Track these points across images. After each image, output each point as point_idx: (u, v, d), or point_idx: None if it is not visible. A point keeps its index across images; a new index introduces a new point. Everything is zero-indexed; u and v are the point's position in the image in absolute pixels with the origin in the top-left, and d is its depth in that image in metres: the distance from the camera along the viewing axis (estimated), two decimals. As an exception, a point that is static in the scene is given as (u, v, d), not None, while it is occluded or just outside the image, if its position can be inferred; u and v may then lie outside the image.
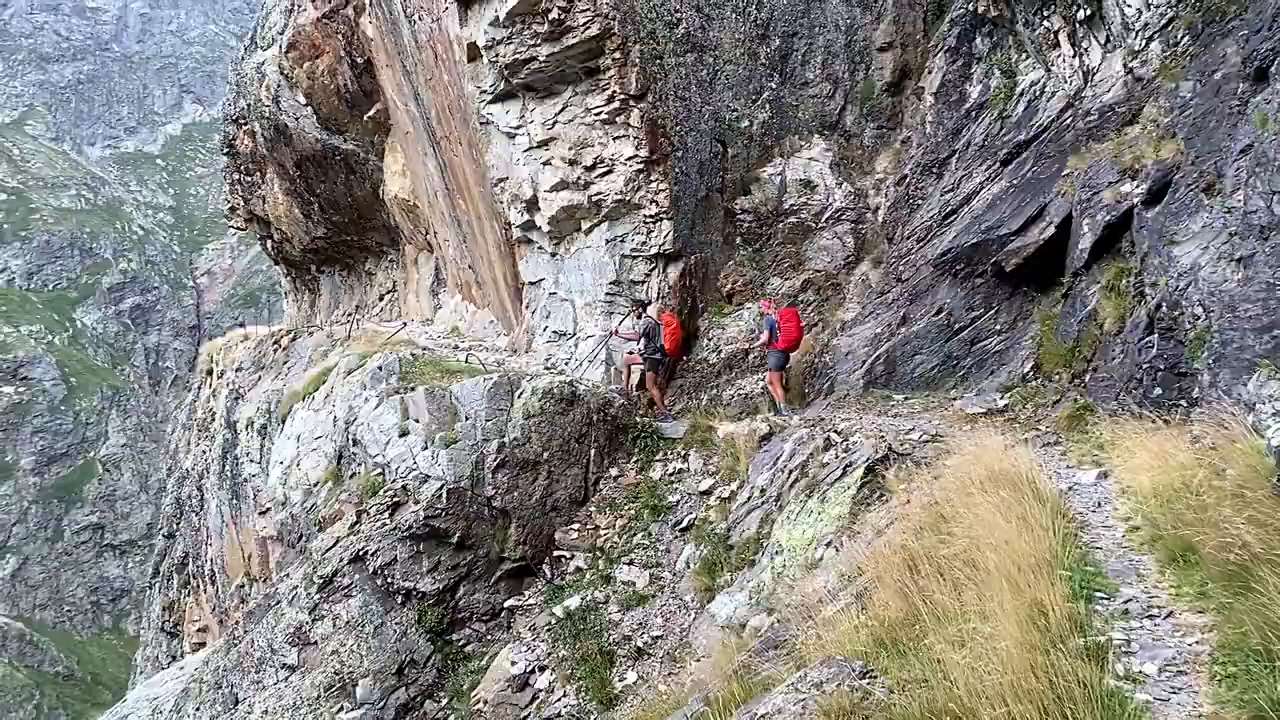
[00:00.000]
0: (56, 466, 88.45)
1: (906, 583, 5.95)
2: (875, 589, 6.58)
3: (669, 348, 15.83)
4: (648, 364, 15.85)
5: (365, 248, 28.93)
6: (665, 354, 15.93)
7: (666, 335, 15.69)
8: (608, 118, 15.82)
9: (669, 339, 15.73)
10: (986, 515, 6.76)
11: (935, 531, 7.27)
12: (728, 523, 13.28)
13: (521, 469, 14.06)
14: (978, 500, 7.19)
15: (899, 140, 17.69)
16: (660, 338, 15.68)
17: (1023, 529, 6.35)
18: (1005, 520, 6.54)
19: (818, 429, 13.39)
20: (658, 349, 15.75)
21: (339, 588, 13.23)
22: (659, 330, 15.69)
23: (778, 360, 15.05)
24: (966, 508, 7.27)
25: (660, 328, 15.73)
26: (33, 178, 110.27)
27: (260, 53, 26.18)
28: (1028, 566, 5.64)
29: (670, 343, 15.78)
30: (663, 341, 15.68)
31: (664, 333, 15.70)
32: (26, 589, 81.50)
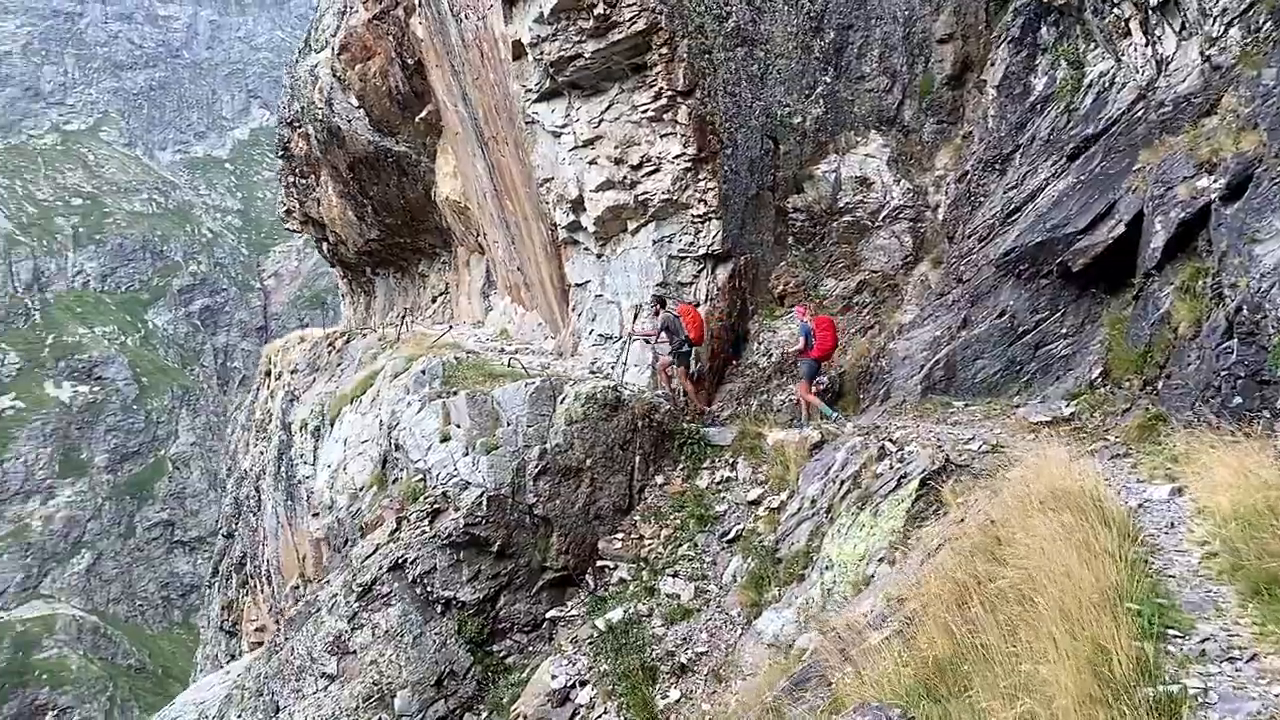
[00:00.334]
0: (129, 464, 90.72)
1: (954, 618, 5.42)
2: (921, 620, 6.07)
3: (694, 336, 15.32)
4: (676, 358, 15.38)
5: (418, 250, 28.91)
6: (692, 344, 15.42)
7: (688, 325, 15.21)
8: (655, 115, 15.39)
9: (692, 328, 15.24)
10: (1046, 539, 6.19)
11: (989, 556, 6.71)
12: (776, 535, 12.76)
13: (564, 476, 13.69)
14: (1036, 522, 6.62)
15: (960, 135, 16.97)
16: (682, 330, 15.22)
17: (1085, 556, 5.77)
18: (1066, 545, 5.97)
19: (872, 437, 12.82)
20: (683, 341, 15.26)
21: (378, 596, 13.01)
22: (679, 323, 15.22)
23: (810, 369, 14.60)
24: (1024, 530, 6.70)
25: (679, 319, 15.25)
26: (106, 183, 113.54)
27: (314, 55, 26.26)
28: (1090, 601, 5.08)
29: (694, 331, 15.29)
30: (686, 333, 15.21)
31: (684, 323, 15.22)
32: (100, 583, 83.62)
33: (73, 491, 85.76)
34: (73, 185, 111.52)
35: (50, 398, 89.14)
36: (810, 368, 14.57)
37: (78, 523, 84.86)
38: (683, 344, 15.24)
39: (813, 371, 14.63)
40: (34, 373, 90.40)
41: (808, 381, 14.65)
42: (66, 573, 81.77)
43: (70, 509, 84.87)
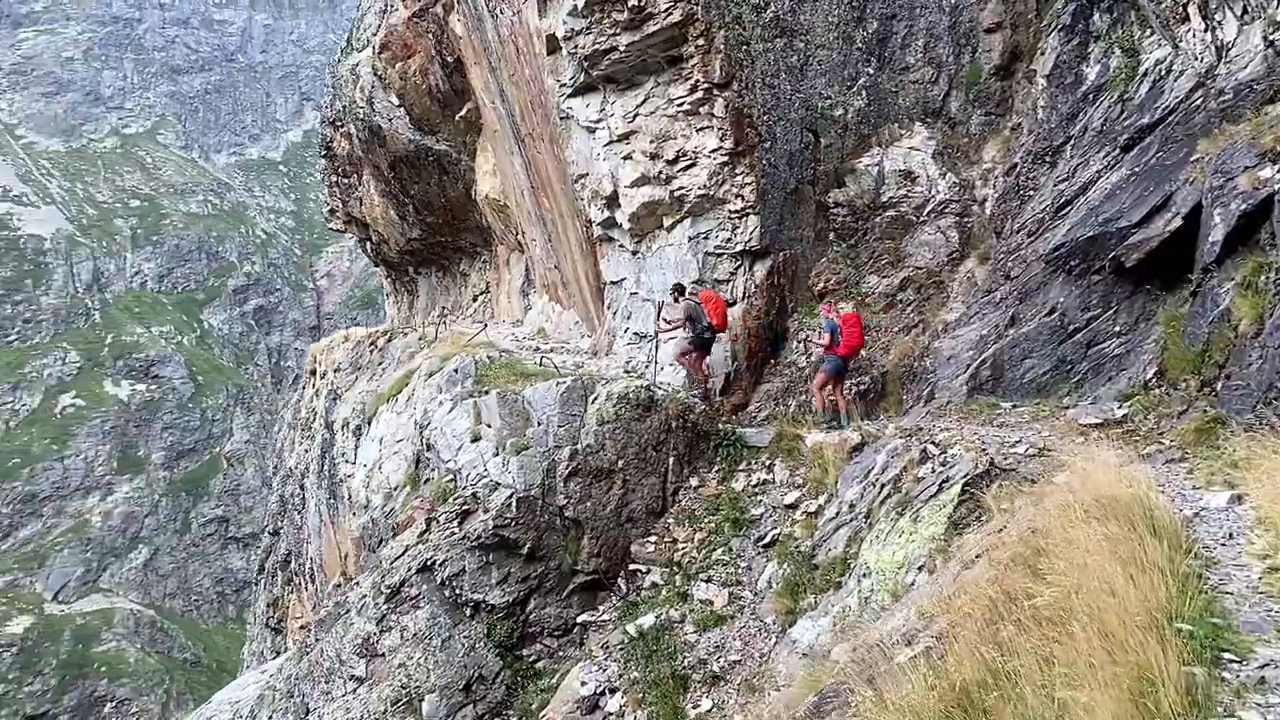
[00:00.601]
0: (185, 461, 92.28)
1: (986, 638, 5.01)
2: (951, 640, 5.65)
3: (716, 323, 14.87)
4: (697, 345, 14.99)
5: (459, 249, 28.82)
6: (714, 331, 14.97)
7: (710, 311, 14.79)
8: (690, 108, 15.03)
9: (714, 314, 14.80)
10: (1089, 551, 5.75)
11: (1028, 569, 6.27)
12: (813, 540, 12.35)
13: (595, 478, 13.38)
14: (1080, 533, 6.17)
15: (1008, 127, 16.40)
16: (704, 317, 14.79)
17: (1131, 570, 5.32)
18: (1110, 558, 5.53)
19: (914, 439, 12.35)
20: (706, 328, 14.83)
21: (406, 598, 12.81)
22: (701, 309, 14.81)
23: (835, 366, 14.12)
24: (1067, 541, 6.26)
25: (701, 307, 14.84)
26: (164, 185, 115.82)
27: (356, 54, 26.30)
28: (1134, 621, 4.64)
29: (717, 318, 14.85)
30: (708, 319, 14.79)
31: (706, 309, 14.80)
32: (157, 578, 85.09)
33: (131, 488, 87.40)
34: (131, 187, 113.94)
35: (109, 396, 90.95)
36: (835, 365, 14.13)
37: (135, 518, 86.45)
38: (704, 331, 14.84)
39: (837, 370, 14.19)
40: (94, 371, 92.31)
41: (827, 378, 14.20)
42: (124, 568, 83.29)
43: (128, 505, 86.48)
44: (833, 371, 14.15)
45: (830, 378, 14.21)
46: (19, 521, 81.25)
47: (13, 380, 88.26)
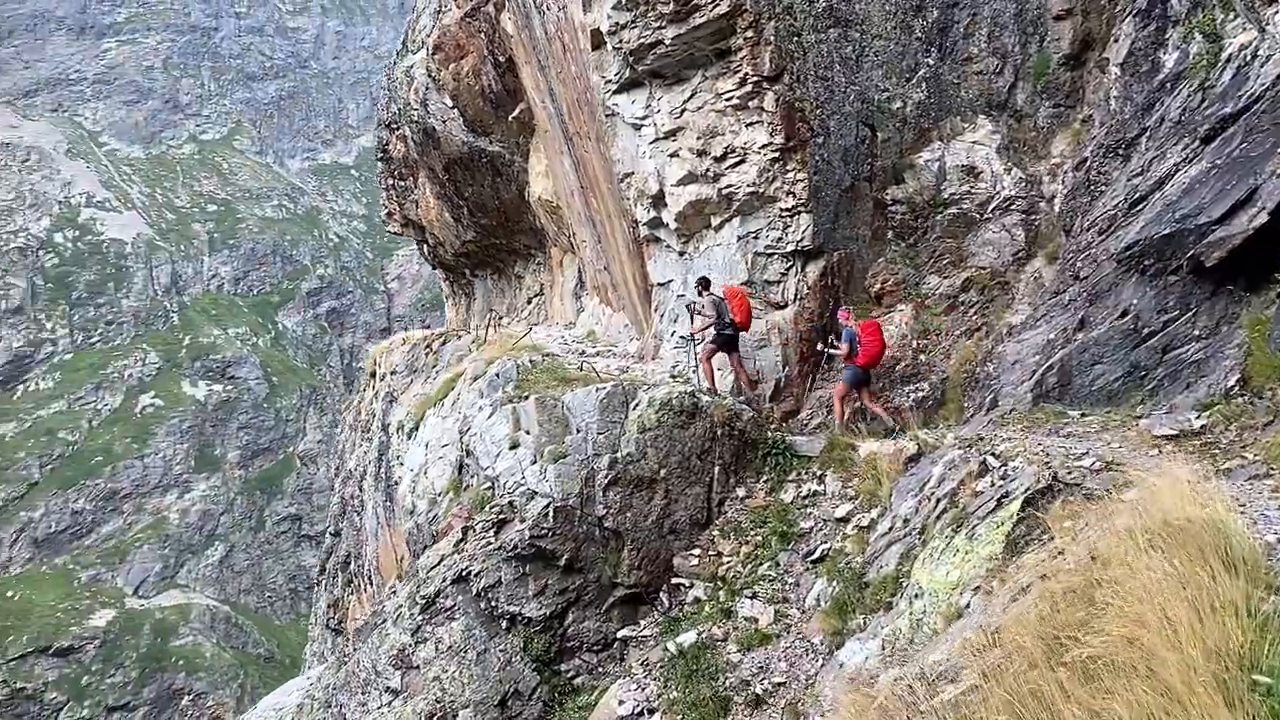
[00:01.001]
0: (259, 460, 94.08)
1: (1028, 688, 4.38)
2: (996, 681, 5.03)
3: (739, 320, 14.33)
4: (720, 342, 14.46)
5: (513, 251, 28.57)
6: (737, 328, 14.43)
7: (734, 308, 14.23)
8: (739, 103, 14.45)
9: (738, 311, 14.25)
10: (1153, 585, 5.07)
11: (1085, 602, 5.60)
12: (864, 556, 11.69)
13: (636, 487, 12.88)
14: (1143, 563, 5.48)
15: (1078, 119, 15.50)
16: (727, 312, 14.24)
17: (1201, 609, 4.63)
18: (1177, 594, 4.84)
19: (973, 450, 11.60)
20: (728, 324, 14.29)
21: (441, 609, 12.45)
22: (724, 305, 14.26)
23: (854, 376, 13.59)
24: (1127, 572, 5.57)
25: (725, 302, 14.28)
26: (239, 189, 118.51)
27: (410, 56, 26.21)
28: (1200, 673, 3.98)
29: (740, 314, 14.31)
30: (731, 315, 14.25)
31: (731, 305, 14.23)
32: (232, 574, 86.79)
33: (207, 486, 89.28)
34: (208, 192, 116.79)
35: (187, 396, 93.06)
36: (855, 375, 13.60)
37: (211, 516, 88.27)
38: (726, 327, 14.30)
39: (857, 379, 13.66)
40: (172, 372, 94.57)
41: (846, 387, 13.68)
42: (201, 564, 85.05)
43: (205, 503, 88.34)
44: (851, 381, 13.65)
45: (850, 387, 13.71)
46: (101, 518, 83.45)
47: (95, 380, 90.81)
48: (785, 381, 14.77)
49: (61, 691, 68.95)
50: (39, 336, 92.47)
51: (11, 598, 74.37)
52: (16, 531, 79.04)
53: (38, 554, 79.74)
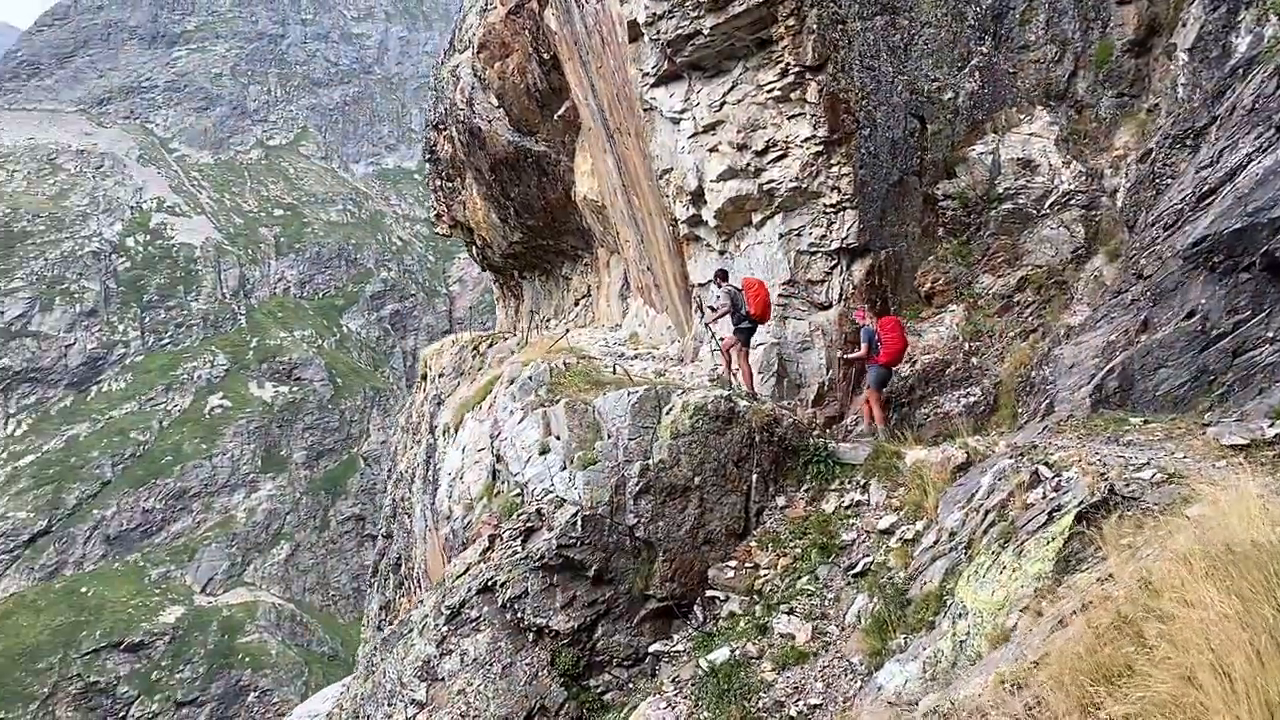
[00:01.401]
0: (324, 461, 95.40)
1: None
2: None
3: (755, 312, 13.75)
4: (738, 336, 13.89)
5: (560, 252, 28.19)
6: (754, 321, 13.87)
7: (750, 299, 13.66)
8: (781, 94, 13.83)
9: (754, 302, 13.68)
10: (1210, 621, 4.41)
11: (1132, 637, 4.95)
12: (908, 571, 11.01)
13: (669, 495, 12.33)
14: (1200, 594, 4.81)
15: (1143, 109, 14.58)
16: (744, 304, 13.69)
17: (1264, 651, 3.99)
18: (1238, 635, 4.19)
19: (1025, 459, 10.87)
20: (743, 317, 13.73)
21: (467, 620, 12.04)
22: (741, 296, 13.70)
23: (879, 376, 13.06)
24: (1183, 603, 4.91)
25: (742, 293, 13.71)
26: (305, 194, 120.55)
27: (457, 56, 26.00)
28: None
29: (756, 306, 13.74)
30: (747, 307, 13.69)
31: (747, 296, 13.66)
32: (298, 573, 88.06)
33: (274, 486, 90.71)
34: (275, 197, 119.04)
35: (254, 397, 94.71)
36: (879, 375, 13.08)
37: (278, 515, 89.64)
38: (742, 319, 13.73)
39: (883, 379, 13.14)
40: (240, 374, 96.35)
41: (877, 390, 13.09)
42: (267, 562, 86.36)
43: (271, 502, 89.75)
44: (878, 382, 13.16)
45: (880, 387, 13.27)
46: (171, 516, 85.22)
47: (166, 381, 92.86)
48: (829, 385, 14.11)
49: (132, 686, 70.52)
50: (111, 339, 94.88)
51: (85, 593, 76.29)
52: (90, 529, 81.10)
53: (110, 551, 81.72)
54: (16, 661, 69.27)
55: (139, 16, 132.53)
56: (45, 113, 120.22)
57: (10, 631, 71.77)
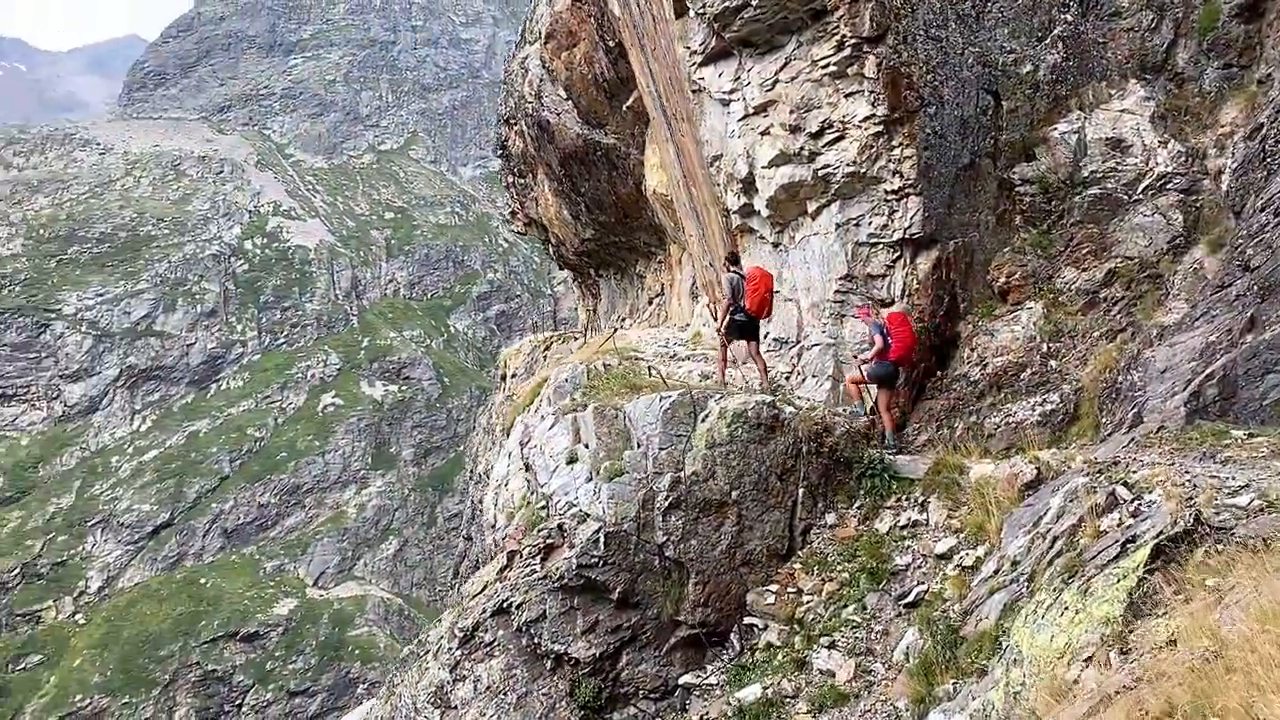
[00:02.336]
0: (432, 458, 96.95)
1: None
2: None
3: (750, 307, 12.68)
4: (733, 329, 12.91)
5: (634, 249, 27.26)
6: (749, 316, 12.81)
7: (750, 290, 12.60)
8: (837, 70, 12.57)
9: (752, 296, 12.60)
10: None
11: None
12: (963, 605, 9.70)
13: (702, 511, 11.23)
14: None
15: (1254, 81, 12.78)
16: (742, 294, 12.63)
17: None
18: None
19: (1103, 478, 9.45)
20: (738, 309, 12.69)
21: (481, 644, 11.20)
22: (743, 285, 12.62)
23: (887, 373, 12.07)
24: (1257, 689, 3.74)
25: (744, 282, 12.60)
26: (415, 197, 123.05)
27: (527, 47, 25.38)
28: None
29: (753, 300, 12.68)
30: (743, 300, 12.65)
31: (746, 288, 12.58)
32: (405, 568, 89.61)
33: (383, 482, 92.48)
34: (385, 200, 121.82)
35: (365, 396, 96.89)
36: (888, 372, 12.03)
37: (387, 511, 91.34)
38: (737, 312, 12.75)
39: (887, 376, 12.08)
40: (351, 373, 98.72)
41: (889, 391, 12.13)
42: (376, 557, 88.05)
43: (380, 498, 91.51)
44: (874, 376, 12.19)
45: (870, 380, 12.32)
46: (285, 511, 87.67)
47: (281, 380, 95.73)
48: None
49: (248, 675, 72.64)
50: (230, 338, 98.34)
51: (204, 585, 79.04)
52: (209, 522, 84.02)
53: (228, 544, 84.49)
54: (141, 648, 72.15)
55: (258, 26, 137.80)
56: (170, 121, 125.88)
57: (135, 619, 74.81)
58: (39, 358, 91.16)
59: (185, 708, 69.35)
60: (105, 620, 74.91)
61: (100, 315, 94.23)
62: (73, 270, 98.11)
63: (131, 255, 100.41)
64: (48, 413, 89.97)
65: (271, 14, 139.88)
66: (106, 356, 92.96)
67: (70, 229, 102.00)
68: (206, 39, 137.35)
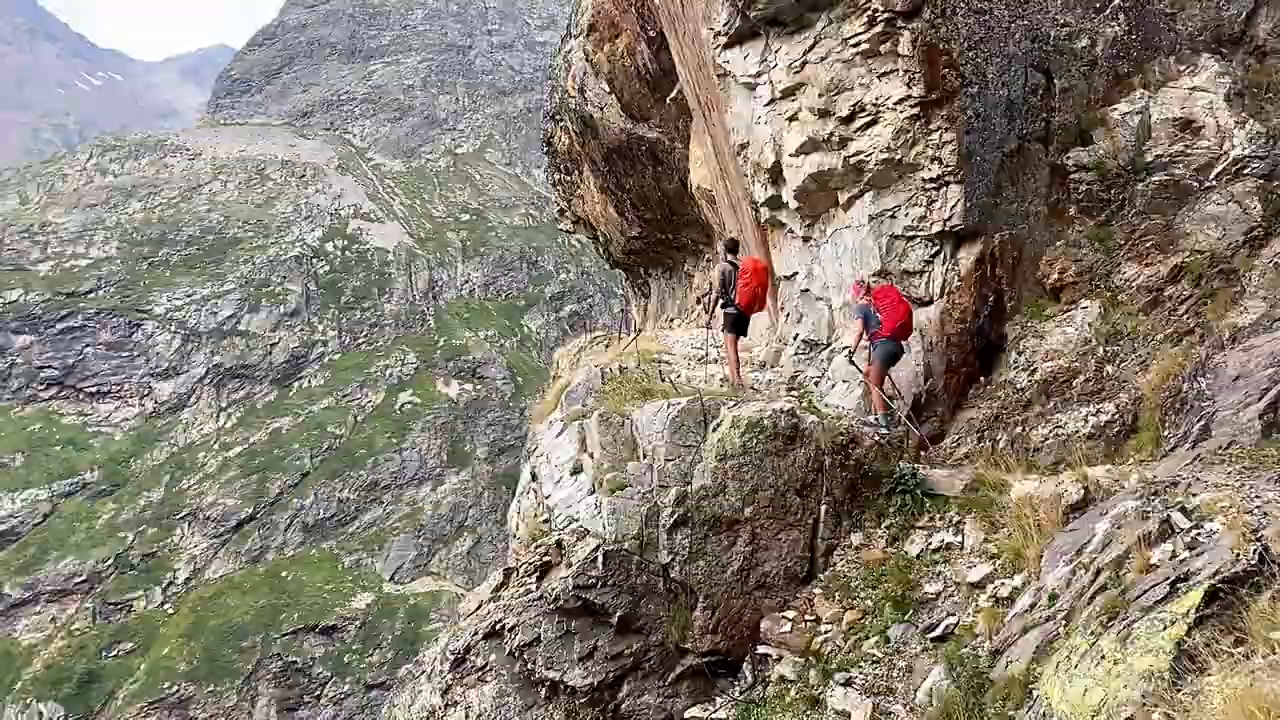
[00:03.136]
0: (505, 457, 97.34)
1: None
2: None
3: (741, 301, 11.92)
4: (726, 323, 12.15)
5: (681, 247, 26.32)
6: (740, 310, 12.08)
7: (743, 283, 11.83)
8: (868, 48, 11.50)
9: (743, 291, 11.84)
10: None
11: None
12: (994, 642, 8.62)
13: (711, 529, 10.28)
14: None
15: (1347, 48, 11.35)
16: (734, 286, 11.88)
17: None
18: None
19: (1157, 500, 8.32)
20: (729, 301, 11.98)
21: (472, 668, 10.41)
22: (734, 276, 11.83)
23: (887, 352, 11.17)
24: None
25: (735, 272, 11.80)
26: (490, 199, 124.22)
27: (571, 41, 24.70)
28: None
29: (744, 294, 11.92)
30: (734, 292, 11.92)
31: (739, 281, 11.80)
32: (479, 565, 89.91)
33: (458, 480, 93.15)
34: (461, 202, 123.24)
35: (441, 394, 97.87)
36: (888, 350, 11.17)
37: (461, 508, 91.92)
38: (728, 304, 12.09)
39: (891, 356, 11.23)
40: (428, 372, 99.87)
41: (882, 368, 11.30)
42: (451, 553, 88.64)
43: (455, 496, 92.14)
44: (884, 359, 11.25)
45: (886, 366, 11.33)
46: (363, 507, 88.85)
47: (360, 379, 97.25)
48: (927, 398, 11.64)
49: (326, 667, 73.64)
50: (311, 338, 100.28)
51: (285, 578, 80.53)
52: (291, 516, 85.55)
53: (308, 538, 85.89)
54: (225, 639, 73.71)
55: (339, 33, 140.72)
56: (255, 127, 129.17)
57: (220, 611, 76.49)
58: (131, 356, 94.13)
59: (266, 698, 70.57)
60: (192, 611, 76.76)
61: (189, 315, 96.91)
62: (163, 272, 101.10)
63: (218, 257, 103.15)
64: (139, 409, 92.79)
65: (352, 21, 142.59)
66: (194, 355, 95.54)
67: (161, 232, 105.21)
68: (290, 46, 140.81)
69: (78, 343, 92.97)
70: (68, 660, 71.89)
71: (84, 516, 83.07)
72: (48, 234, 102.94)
